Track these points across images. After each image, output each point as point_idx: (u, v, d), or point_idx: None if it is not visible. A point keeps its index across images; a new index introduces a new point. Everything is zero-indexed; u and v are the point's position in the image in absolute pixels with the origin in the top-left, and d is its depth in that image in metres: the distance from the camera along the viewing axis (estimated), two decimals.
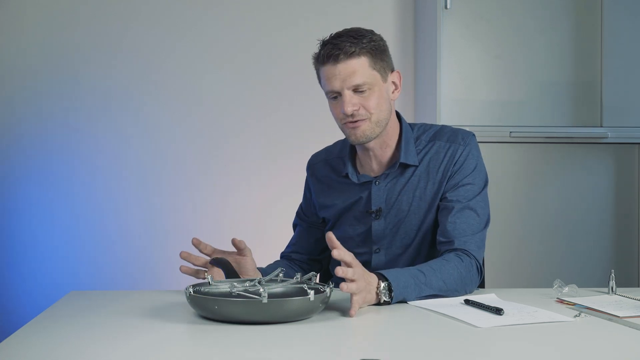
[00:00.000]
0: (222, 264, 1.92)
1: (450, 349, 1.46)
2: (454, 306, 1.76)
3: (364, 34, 1.96)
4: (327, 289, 1.68)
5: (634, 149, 3.28)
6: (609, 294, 1.92)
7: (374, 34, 1.98)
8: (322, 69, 1.96)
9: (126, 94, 3.57)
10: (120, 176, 3.57)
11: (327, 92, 1.97)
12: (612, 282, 1.92)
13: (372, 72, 1.95)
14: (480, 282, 2.01)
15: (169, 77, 3.59)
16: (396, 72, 2.03)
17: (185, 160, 3.59)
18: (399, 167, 2.05)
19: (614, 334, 1.55)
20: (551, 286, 1.91)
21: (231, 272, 1.91)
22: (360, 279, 1.70)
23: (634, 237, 3.28)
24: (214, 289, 1.77)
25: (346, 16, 3.60)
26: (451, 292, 1.87)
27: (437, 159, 2.04)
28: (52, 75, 3.54)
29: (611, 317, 1.66)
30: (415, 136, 2.08)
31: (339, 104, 1.96)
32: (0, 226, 3.53)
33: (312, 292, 1.62)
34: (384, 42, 2.00)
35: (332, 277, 2.21)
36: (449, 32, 3.22)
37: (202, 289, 1.75)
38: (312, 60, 2.01)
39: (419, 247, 2.05)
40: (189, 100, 3.60)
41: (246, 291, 1.69)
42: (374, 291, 1.75)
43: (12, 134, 3.54)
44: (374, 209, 2.06)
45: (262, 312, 1.58)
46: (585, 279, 3.14)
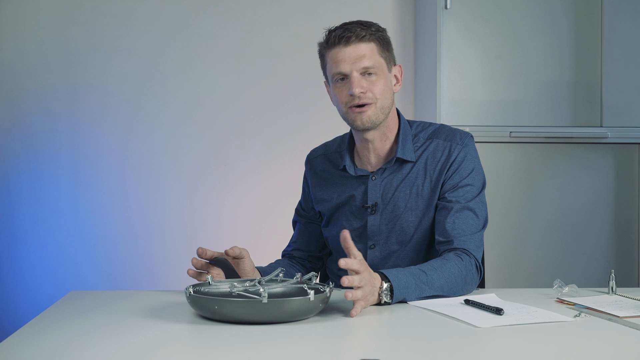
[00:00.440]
0: (222, 263, 1.92)
1: (450, 349, 1.46)
2: (454, 306, 1.76)
3: (372, 23, 2.01)
4: (327, 289, 1.68)
5: (634, 149, 3.28)
6: (609, 294, 1.92)
7: (381, 26, 2.03)
8: (330, 52, 1.98)
9: (126, 94, 3.57)
10: (120, 176, 3.57)
11: (333, 75, 1.99)
12: (612, 282, 1.92)
13: (379, 59, 1.98)
14: (479, 281, 2.01)
15: (168, 77, 3.59)
16: (398, 65, 2.07)
17: (185, 160, 3.59)
18: (396, 162, 2.05)
19: (614, 334, 1.55)
20: (551, 286, 1.91)
21: (231, 272, 1.91)
22: (366, 284, 1.70)
23: (634, 237, 3.28)
24: (214, 289, 1.77)
25: (346, 16, 3.58)
26: (452, 291, 1.87)
27: (434, 156, 2.05)
28: (52, 75, 3.54)
29: (611, 317, 1.66)
30: (413, 133, 2.09)
31: (345, 87, 1.97)
32: (0, 226, 3.53)
33: (312, 292, 1.62)
34: (388, 36, 2.05)
35: (331, 276, 2.21)
36: (449, 32, 3.22)
37: (202, 289, 1.75)
38: (318, 46, 2.03)
39: (417, 246, 2.05)
40: (189, 100, 3.60)
41: (246, 291, 1.69)
42: (376, 292, 1.76)
43: (12, 134, 3.54)
44: (369, 204, 2.07)
45: (262, 312, 1.58)
46: (585, 279, 3.14)
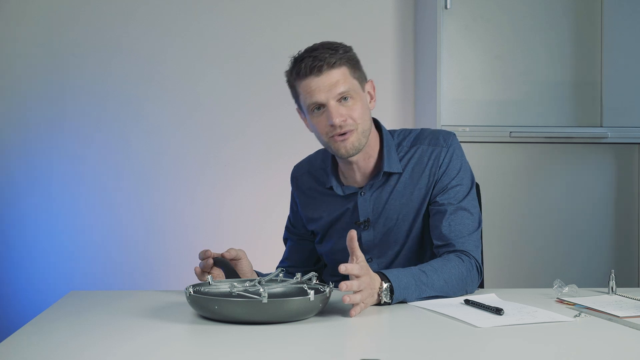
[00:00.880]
0: (223, 263, 1.92)
1: (450, 349, 1.46)
2: (454, 306, 1.76)
3: (337, 45, 1.94)
4: (327, 289, 1.68)
5: (634, 149, 3.28)
6: (609, 294, 1.92)
7: (346, 45, 1.97)
8: (301, 84, 1.93)
9: (126, 95, 3.57)
10: (120, 176, 3.57)
11: (309, 106, 1.93)
12: (612, 282, 1.92)
13: (353, 81, 1.94)
14: (480, 282, 2.01)
15: (168, 78, 3.59)
16: (370, 81, 2.02)
17: (184, 161, 3.59)
18: (383, 175, 2.03)
19: (614, 334, 1.55)
20: (551, 286, 1.91)
21: (231, 272, 1.91)
22: (366, 288, 1.70)
23: (634, 237, 3.28)
24: (214, 289, 1.77)
25: (346, 16, 3.61)
26: (452, 292, 1.87)
27: (420, 163, 2.03)
28: (52, 75, 3.54)
29: (611, 317, 1.66)
30: (396, 143, 2.06)
31: (323, 116, 1.92)
32: (0, 226, 3.53)
33: (312, 292, 1.62)
34: (355, 54, 1.98)
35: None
36: (449, 32, 3.22)
37: (202, 289, 1.75)
38: (286, 76, 1.98)
39: (409, 253, 2.04)
40: (189, 100, 3.60)
41: (246, 291, 1.69)
42: (376, 293, 1.75)
43: (12, 134, 3.53)
44: (361, 220, 2.05)
45: (262, 312, 1.58)
46: (585, 279, 3.14)
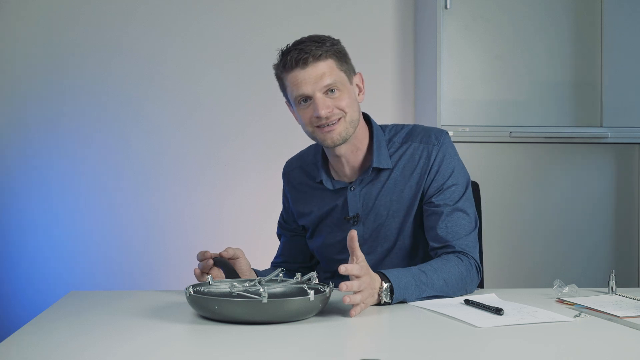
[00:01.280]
0: (222, 263, 1.92)
1: (450, 349, 1.46)
2: (454, 306, 1.76)
3: (324, 38, 1.95)
4: (327, 289, 1.68)
5: (634, 149, 3.28)
6: (609, 294, 1.92)
7: (333, 38, 1.98)
8: (288, 76, 1.94)
9: (126, 95, 3.57)
10: (120, 176, 3.57)
11: (295, 98, 1.94)
12: (612, 282, 1.92)
13: (340, 73, 1.94)
14: (479, 282, 2.01)
15: (168, 78, 3.58)
16: (358, 74, 2.02)
17: (184, 161, 3.59)
18: (373, 171, 2.02)
19: (614, 334, 1.55)
20: (551, 286, 1.91)
21: (231, 272, 1.91)
22: (366, 288, 1.70)
23: (634, 237, 3.28)
24: (214, 289, 1.77)
25: (346, 16, 3.61)
26: (452, 292, 1.87)
27: (412, 161, 2.02)
28: (52, 75, 3.54)
29: (611, 317, 1.66)
30: (387, 138, 2.05)
31: (309, 108, 1.93)
32: (0, 226, 3.53)
33: (312, 292, 1.62)
34: (343, 47, 1.99)
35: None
36: (449, 32, 3.22)
37: (202, 289, 1.75)
38: (274, 69, 1.99)
39: (401, 252, 2.04)
40: (189, 100, 3.60)
41: (246, 291, 1.69)
42: (376, 293, 1.75)
43: (11, 135, 3.53)
44: (351, 215, 2.05)
45: (262, 312, 1.58)
46: (585, 279, 3.14)
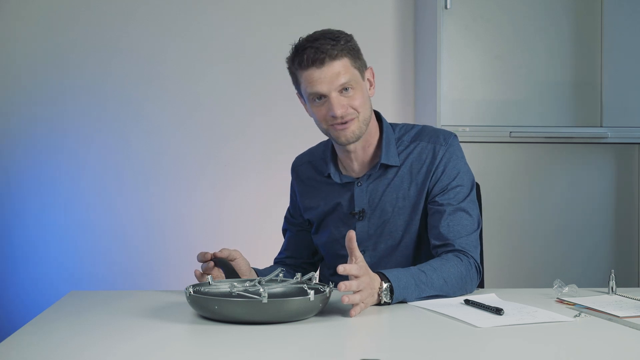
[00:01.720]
0: (222, 263, 1.92)
1: (450, 349, 1.46)
2: (454, 306, 1.76)
3: (338, 35, 1.95)
4: (327, 289, 1.68)
5: (634, 149, 3.28)
6: (609, 294, 1.92)
7: (347, 34, 1.98)
8: (303, 74, 1.94)
9: (126, 95, 3.57)
10: (120, 176, 3.57)
11: (310, 95, 1.95)
12: (612, 282, 1.92)
13: (354, 71, 1.95)
14: (479, 281, 2.01)
15: (168, 78, 3.58)
16: (369, 68, 2.03)
17: (185, 160, 3.59)
18: (381, 167, 2.04)
19: (614, 334, 1.55)
20: (551, 286, 1.91)
21: (231, 272, 1.91)
22: (365, 287, 1.70)
23: (634, 237, 3.28)
24: (214, 289, 1.77)
25: (346, 16, 3.61)
26: (452, 292, 1.87)
27: (419, 159, 2.03)
28: (51, 75, 3.54)
29: (611, 317, 1.66)
30: (396, 137, 2.06)
31: (324, 107, 1.94)
32: (0, 226, 3.53)
33: (312, 292, 1.62)
34: (356, 42, 1.99)
35: (323, 281, 2.21)
36: (449, 32, 3.22)
37: (202, 289, 1.75)
38: (288, 63, 1.99)
39: (406, 250, 2.04)
40: (189, 100, 3.60)
41: (246, 291, 1.69)
42: (376, 293, 1.75)
43: (11, 135, 3.54)
44: (356, 210, 2.05)
45: (262, 312, 1.58)
46: (585, 279, 3.14)
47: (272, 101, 3.60)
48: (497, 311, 1.66)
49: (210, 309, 1.61)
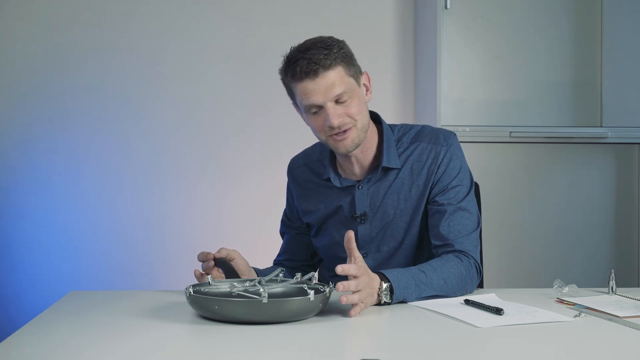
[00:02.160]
0: (222, 263, 1.92)
1: (450, 349, 1.46)
2: (454, 306, 1.76)
3: (331, 43, 1.92)
4: (327, 289, 1.68)
5: (634, 149, 3.28)
6: (609, 294, 1.92)
7: (339, 40, 1.95)
8: (297, 86, 1.91)
9: (126, 95, 3.57)
10: (120, 176, 3.57)
11: (306, 107, 1.92)
12: (612, 282, 1.92)
13: (348, 79, 1.92)
14: (479, 281, 2.01)
15: (168, 78, 3.58)
16: (364, 73, 2.00)
17: (184, 161, 3.59)
18: (382, 170, 2.03)
19: (614, 334, 1.55)
20: (551, 286, 1.91)
21: (231, 272, 1.91)
22: (365, 287, 1.70)
23: (634, 237, 3.28)
24: (214, 289, 1.77)
25: (346, 16, 3.61)
26: (452, 292, 1.87)
27: (420, 160, 2.02)
28: (51, 75, 3.54)
29: (611, 317, 1.66)
30: (396, 138, 2.05)
31: (321, 118, 1.91)
32: (0, 226, 3.53)
33: (312, 292, 1.62)
34: (349, 47, 1.96)
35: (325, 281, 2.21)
36: (449, 32, 3.22)
37: (202, 289, 1.75)
38: (281, 75, 1.95)
39: (408, 251, 2.04)
40: (189, 100, 3.60)
41: (246, 291, 1.69)
42: (375, 293, 1.75)
43: (11, 135, 3.53)
44: (358, 213, 2.05)
45: (262, 312, 1.58)
46: (585, 279, 3.14)
47: (272, 101, 3.60)
48: (497, 311, 1.66)
49: (210, 309, 1.61)
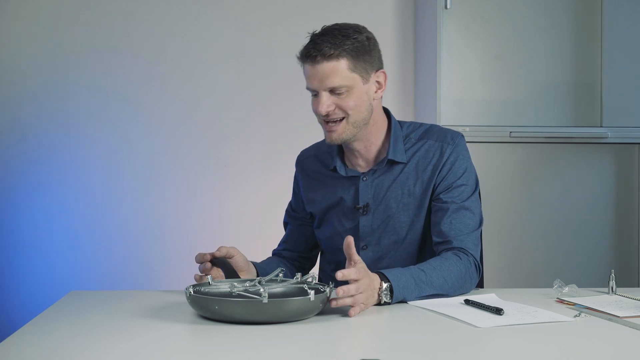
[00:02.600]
0: (222, 263, 1.92)
1: (450, 349, 1.46)
2: (454, 306, 1.76)
3: (348, 34, 1.93)
4: (327, 289, 1.68)
5: (634, 149, 3.28)
6: (609, 294, 1.92)
7: (361, 32, 1.95)
8: (304, 66, 1.96)
9: (126, 95, 3.57)
10: (120, 176, 3.57)
11: (307, 87, 1.98)
12: (612, 282, 1.92)
13: (351, 75, 1.93)
14: (478, 280, 2.01)
15: (168, 78, 3.58)
16: (381, 71, 2.00)
17: (184, 160, 3.59)
18: (387, 163, 2.04)
19: (614, 334, 1.55)
20: (551, 286, 1.91)
21: (231, 272, 1.91)
22: (366, 289, 1.71)
23: (634, 237, 3.28)
24: (214, 289, 1.77)
25: (346, 16, 3.57)
26: (451, 290, 1.87)
27: (426, 157, 2.04)
28: (51, 75, 3.54)
29: (611, 317, 1.66)
30: (404, 134, 2.07)
31: (316, 101, 1.96)
32: (0, 226, 3.53)
33: (312, 292, 1.62)
34: (370, 42, 1.97)
35: (322, 275, 2.22)
36: (449, 32, 3.22)
37: (202, 289, 1.75)
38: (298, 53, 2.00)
39: (410, 247, 2.04)
40: (189, 100, 3.60)
41: (246, 291, 1.69)
42: (376, 294, 1.76)
43: (11, 135, 3.53)
44: (361, 204, 2.06)
45: (262, 312, 1.58)
46: (585, 279, 3.13)
47: (272, 101, 3.60)
48: (497, 311, 1.66)
49: (210, 309, 1.61)
